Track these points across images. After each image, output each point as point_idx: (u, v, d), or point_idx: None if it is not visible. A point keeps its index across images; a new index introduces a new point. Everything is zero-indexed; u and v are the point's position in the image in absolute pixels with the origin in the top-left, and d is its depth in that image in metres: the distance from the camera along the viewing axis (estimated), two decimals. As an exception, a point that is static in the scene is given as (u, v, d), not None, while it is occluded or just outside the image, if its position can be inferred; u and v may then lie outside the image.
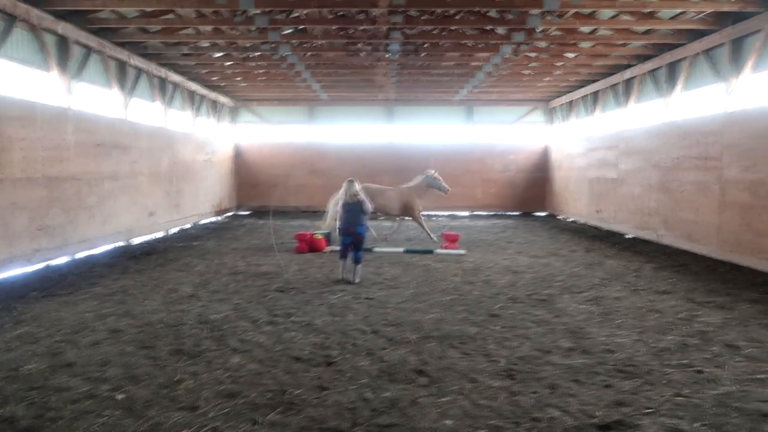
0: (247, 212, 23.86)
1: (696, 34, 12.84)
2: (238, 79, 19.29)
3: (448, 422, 4.34)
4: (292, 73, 17.70)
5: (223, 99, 22.66)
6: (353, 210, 9.77)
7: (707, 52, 12.70)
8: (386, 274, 10.28)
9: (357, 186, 10.05)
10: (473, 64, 16.42)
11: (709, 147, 12.12)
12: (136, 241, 14.43)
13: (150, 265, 11.18)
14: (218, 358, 5.75)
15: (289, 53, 14.69)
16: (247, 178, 24.06)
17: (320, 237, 13.25)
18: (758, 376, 5.28)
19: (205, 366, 5.51)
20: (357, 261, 9.69)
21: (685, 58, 13.65)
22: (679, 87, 14.08)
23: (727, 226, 11.48)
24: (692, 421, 4.36)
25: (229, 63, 16.79)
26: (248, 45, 14.61)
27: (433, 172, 15.20)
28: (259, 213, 23.32)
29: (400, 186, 15.62)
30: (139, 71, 15.39)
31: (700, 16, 11.88)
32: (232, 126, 24.24)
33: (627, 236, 15.90)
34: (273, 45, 14.17)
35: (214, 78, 19.03)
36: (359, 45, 14.57)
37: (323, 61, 16.47)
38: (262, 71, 17.94)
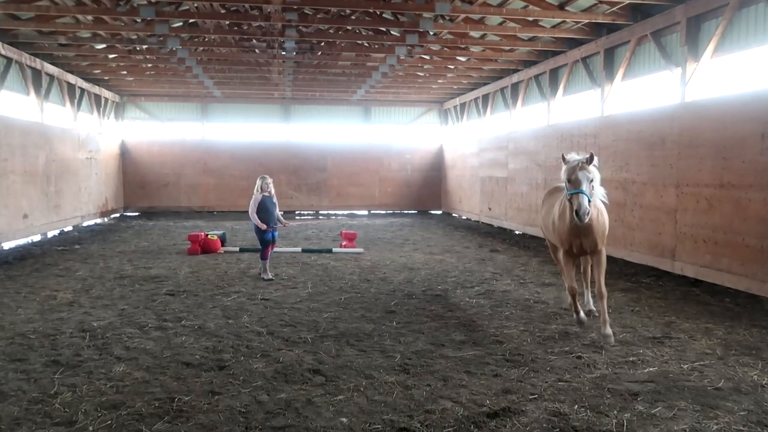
0: (136, 213, 22.64)
1: (575, 43, 13.72)
2: (124, 72, 18.28)
3: (344, 420, 4.34)
4: (182, 69, 16.99)
5: (107, 94, 21.35)
6: (273, 206, 9.80)
7: (584, 59, 13.61)
8: (283, 274, 10.14)
9: (270, 181, 9.92)
10: (369, 64, 16.59)
11: (587, 148, 12.98)
12: (8, 245, 13.25)
13: (25, 270, 10.32)
14: (100, 367, 5.40)
15: (179, 47, 14.10)
16: (135, 178, 22.82)
17: (214, 238, 12.83)
18: (630, 359, 5.73)
19: (85, 377, 5.15)
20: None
21: (565, 65, 14.55)
22: (560, 91, 14.99)
23: (603, 221, 12.35)
24: (572, 403, 4.65)
25: (113, 56, 15.86)
26: (134, 37, 13.86)
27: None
28: (149, 214, 22.22)
29: None
30: (9, 61, 14.13)
31: (578, 26, 12.71)
32: (117, 122, 22.90)
33: (516, 232, 16.71)
34: (161, 38, 13.54)
35: (97, 71, 17.90)
36: (253, 41, 14.26)
37: (216, 57, 15.96)
38: (149, 65, 17.10)
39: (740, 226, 8.73)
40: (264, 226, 9.59)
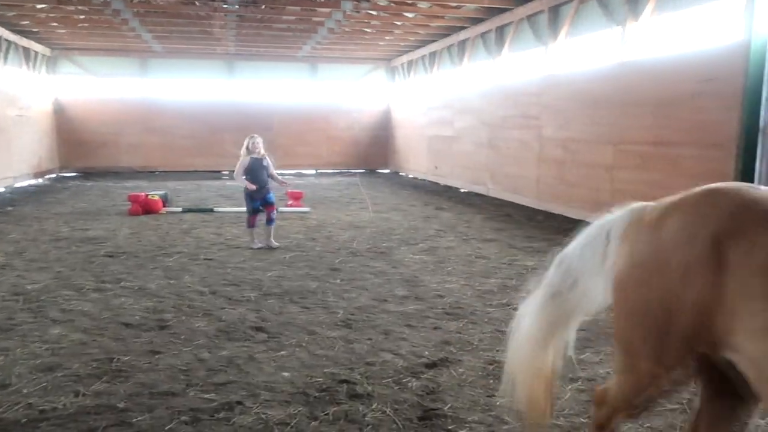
0: (73, 174, 21.77)
1: (521, 1, 13.73)
2: (55, 24, 17.25)
3: (285, 374, 4.40)
4: (118, 21, 16.15)
5: (37, 47, 20.15)
6: (262, 168, 8.90)
7: (530, 17, 13.67)
8: (227, 234, 10.02)
9: (260, 142, 9.03)
10: (315, 19, 16.18)
11: (530, 107, 13.20)
12: (-66, 208, 12.59)
13: (-49, 234, 9.86)
14: (35, 330, 5.26)
15: (113, -2, 13.40)
16: (72, 136, 21.80)
17: (156, 198, 12.51)
18: (563, 310, 5.98)
19: (18, 341, 5.02)
20: (271, 221, 9.01)
21: (511, 23, 14.58)
22: (506, 49, 15.06)
23: (544, 179, 12.68)
24: (505, 352, 4.84)
25: (42, 6, 14.92)
26: (63, -14, 13.07)
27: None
28: (87, 174, 21.40)
29: None
30: (-75, 10, 13.14)
31: (523, -17, 12.71)
32: (50, 78, 21.73)
33: (462, 190, 16.96)
34: (92, -13, 12.82)
35: (25, 22, 16.83)
36: (192, -7, 13.68)
37: (154, 9, 15.25)
38: (82, 17, 16.19)
39: (673, 182, 9.10)
40: (252, 186, 8.70)
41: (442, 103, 18.64)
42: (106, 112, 22.12)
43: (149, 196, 12.48)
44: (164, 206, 12.61)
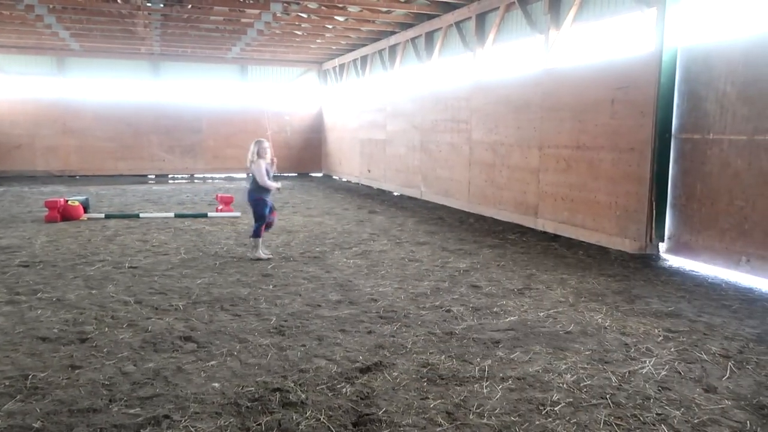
0: (-17, 178, 20.42)
1: (449, 7, 13.98)
2: (-40, 19, 16.14)
3: (216, 385, 4.28)
4: (32, 17, 15.30)
5: (-60, 42, 18.80)
6: (270, 171, 8.60)
7: (458, 24, 13.95)
8: (154, 241, 9.67)
9: (267, 144, 8.68)
10: (243, 20, 15.90)
11: (460, 111, 13.46)
12: None
13: None
14: (-61, 348, 4.89)
15: (26, -8, 12.67)
16: (-19, 139, 20.48)
17: (76, 204, 11.91)
18: (494, 310, 6.12)
19: None
20: (271, 225, 8.77)
21: (440, 29, 14.83)
22: (436, 54, 15.30)
23: (475, 181, 12.96)
24: (440, 354, 4.90)
25: (-55, -1, 13.93)
26: (-31, -22, 12.25)
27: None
28: (0, 178, 20.12)
29: None
30: None
31: (451, -11, 12.96)
32: (-45, 76, 20.31)
33: (395, 194, 17.08)
34: (3, -19, 12.08)
35: (-74, 16, 15.66)
36: (114, -10, 13.13)
37: (71, 5, 14.52)
38: (-8, 12, 15.22)
39: (593, 185, 9.52)
40: (277, 186, 8.45)
41: (374, 106, 18.72)
42: (20, 112, 20.90)
43: (69, 202, 11.87)
44: (85, 212, 12.03)
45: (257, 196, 8.38)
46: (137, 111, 21.96)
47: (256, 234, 8.47)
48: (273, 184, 8.45)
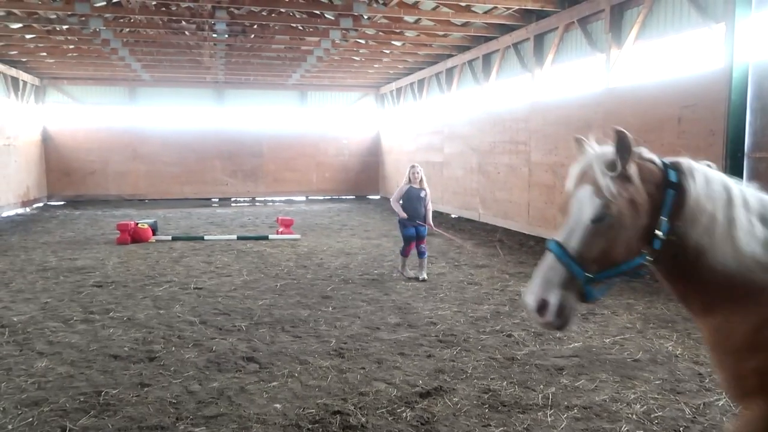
0: (61, 202, 21.61)
1: (506, 29, 13.95)
2: (43, 54, 17.30)
3: (277, 406, 4.33)
4: (107, 50, 16.23)
5: (25, 76, 20.15)
6: (419, 200, 8.66)
7: (516, 45, 13.88)
8: (217, 263, 9.95)
9: (421, 171, 8.75)
10: (304, 48, 16.35)
11: (519, 133, 13.32)
12: None
13: (-65, 265, 9.70)
14: (20, 364, 5.16)
15: (103, 28, 13.44)
16: (59, 165, 21.73)
17: (145, 227, 12.42)
18: (557, 336, 5.95)
19: (3, 375, 4.91)
20: (422, 254, 8.75)
21: (497, 50, 14.80)
22: (493, 76, 15.25)
23: (534, 203, 12.75)
24: (501, 380, 4.80)
25: (30, 36, 14.97)
26: (52, 16, 13.12)
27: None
28: (75, 203, 21.25)
29: None
30: None
31: (508, 12, 12.94)
32: (38, 107, 21.68)
33: (452, 216, 16.99)
34: (82, 18, 12.87)
35: (13, 52, 16.86)
36: (182, 23, 13.78)
37: (143, 39, 15.33)
38: (71, 47, 16.24)
39: (659, 206, 9.17)
40: (403, 214, 8.54)
41: (431, 129, 18.78)
42: (95, 140, 22.09)
43: (138, 225, 12.39)
44: (153, 235, 12.52)
45: (399, 217, 8.75)
46: (202, 137, 22.82)
47: (401, 252, 8.92)
48: (396, 208, 8.68)
